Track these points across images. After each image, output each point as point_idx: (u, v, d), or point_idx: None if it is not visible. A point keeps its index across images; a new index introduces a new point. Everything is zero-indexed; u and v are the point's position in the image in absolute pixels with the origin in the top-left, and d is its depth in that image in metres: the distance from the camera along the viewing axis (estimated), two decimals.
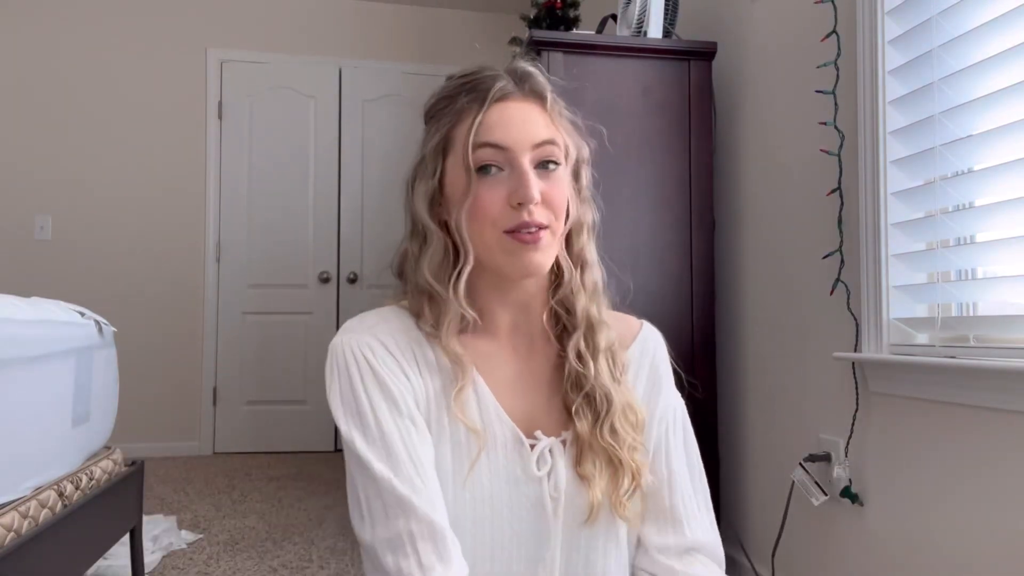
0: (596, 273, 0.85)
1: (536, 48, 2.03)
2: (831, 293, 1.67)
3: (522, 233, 0.74)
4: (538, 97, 0.79)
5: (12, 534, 1.23)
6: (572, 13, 2.28)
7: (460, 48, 4.46)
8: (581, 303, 0.82)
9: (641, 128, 2.07)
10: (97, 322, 1.72)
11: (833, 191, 1.66)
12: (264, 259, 4.22)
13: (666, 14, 2.16)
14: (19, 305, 1.36)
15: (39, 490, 1.37)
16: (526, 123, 0.76)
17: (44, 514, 1.36)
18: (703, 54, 2.12)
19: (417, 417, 0.74)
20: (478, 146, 0.75)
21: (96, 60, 4.06)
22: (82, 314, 1.66)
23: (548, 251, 0.76)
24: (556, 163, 0.77)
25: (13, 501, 1.28)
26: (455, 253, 0.78)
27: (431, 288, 0.78)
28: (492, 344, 0.81)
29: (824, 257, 1.70)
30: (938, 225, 1.43)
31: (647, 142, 2.07)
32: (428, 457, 0.73)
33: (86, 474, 1.58)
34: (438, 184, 0.79)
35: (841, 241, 1.66)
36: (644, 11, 2.12)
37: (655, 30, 2.12)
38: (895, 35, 1.54)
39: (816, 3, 1.71)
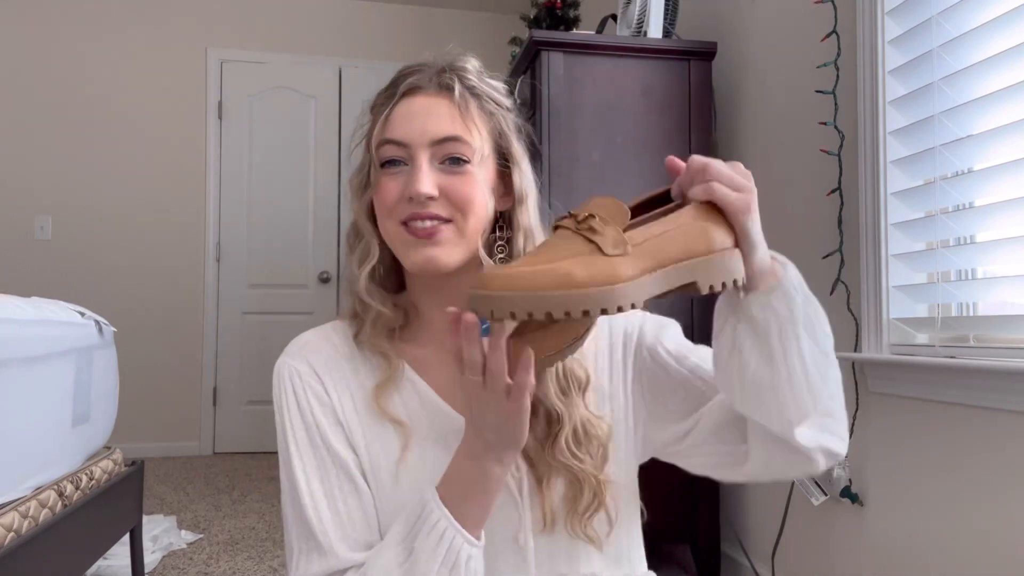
0: None
1: (536, 48, 2.03)
2: (831, 293, 1.67)
3: (415, 226, 0.72)
4: (448, 91, 0.76)
5: (12, 534, 1.23)
6: (572, 13, 2.29)
7: (460, 48, 4.45)
8: None
9: (641, 128, 2.07)
10: (97, 322, 1.72)
11: (833, 191, 1.66)
12: (264, 259, 4.22)
13: (666, 14, 2.16)
14: (19, 305, 1.36)
15: (39, 490, 1.37)
16: (429, 118, 0.74)
17: (44, 514, 1.36)
18: (703, 54, 2.11)
19: (331, 448, 0.74)
20: (381, 143, 0.75)
21: (96, 60, 4.06)
22: (82, 314, 1.66)
23: (449, 247, 0.73)
24: (464, 160, 0.74)
25: (13, 501, 1.28)
26: (372, 244, 0.78)
27: (356, 284, 0.77)
28: (427, 348, 0.79)
29: (824, 257, 1.70)
30: (938, 225, 1.43)
31: (647, 142, 2.07)
32: (353, 476, 0.73)
33: (86, 474, 1.58)
34: (366, 177, 0.79)
35: (841, 241, 1.66)
36: (644, 11, 2.12)
37: (655, 30, 2.12)
38: (895, 35, 1.54)
39: (816, 3, 1.71)
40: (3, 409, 1.26)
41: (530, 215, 0.79)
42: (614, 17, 2.32)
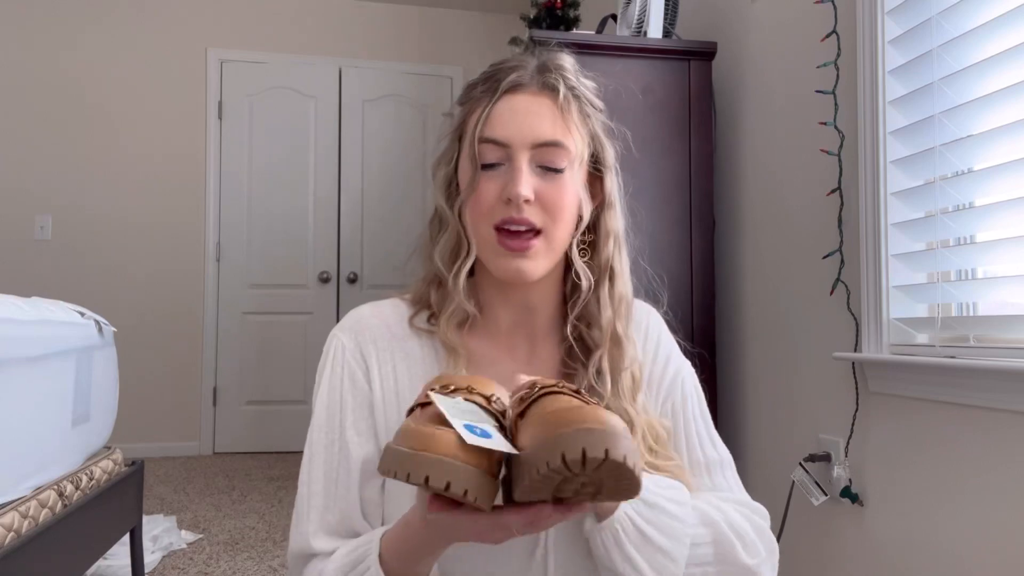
0: (624, 286, 0.80)
1: (536, 48, 2.03)
2: (831, 293, 1.67)
3: (509, 237, 0.72)
4: (551, 91, 0.75)
5: (12, 534, 1.23)
6: (572, 13, 2.28)
7: (460, 48, 4.46)
8: (606, 318, 0.77)
9: (641, 128, 2.07)
10: (97, 322, 1.72)
11: (833, 191, 1.66)
12: (264, 259, 4.22)
13: (666, 14, 2.16)
14: (19, 305, 1.36)
15: (39, 490, 1.37)
16: (531, 119, 0.73)
17: (44, 514, 1.36)
18: (703, 54, 2.11)
19: (344, 436, 0.75)
20: (481, 140, 0.73)
21: (96, 60, 4.06)
22: (82, 314, 1.66)
23: (538, 259, 0.73)
24: (560, 166, 0.73)
25: (13, 501, 1.28)
26: (467, 243, 0.77)
27: (441, 274, 0.77)
28: (488, 344, 0.79)
29: (824, 257, 1.70)
30: (938, 225, 1.43)
31: (647, 142, 2.07)
32: (351, 470, 0.74)
33: (86, 474, 1.58)
34: (454, 170, 0.78)
35: (841, 241, 1.66)
36: (644, 11, 2.12)
37: (655, 30, 2.11)
38: (895, 35, 1.54)
39: (816, 3, 1.71)
40: (3, 409, 1.26)
41: (619, 220, 0.80)
42: (614, 17, 2.32)
